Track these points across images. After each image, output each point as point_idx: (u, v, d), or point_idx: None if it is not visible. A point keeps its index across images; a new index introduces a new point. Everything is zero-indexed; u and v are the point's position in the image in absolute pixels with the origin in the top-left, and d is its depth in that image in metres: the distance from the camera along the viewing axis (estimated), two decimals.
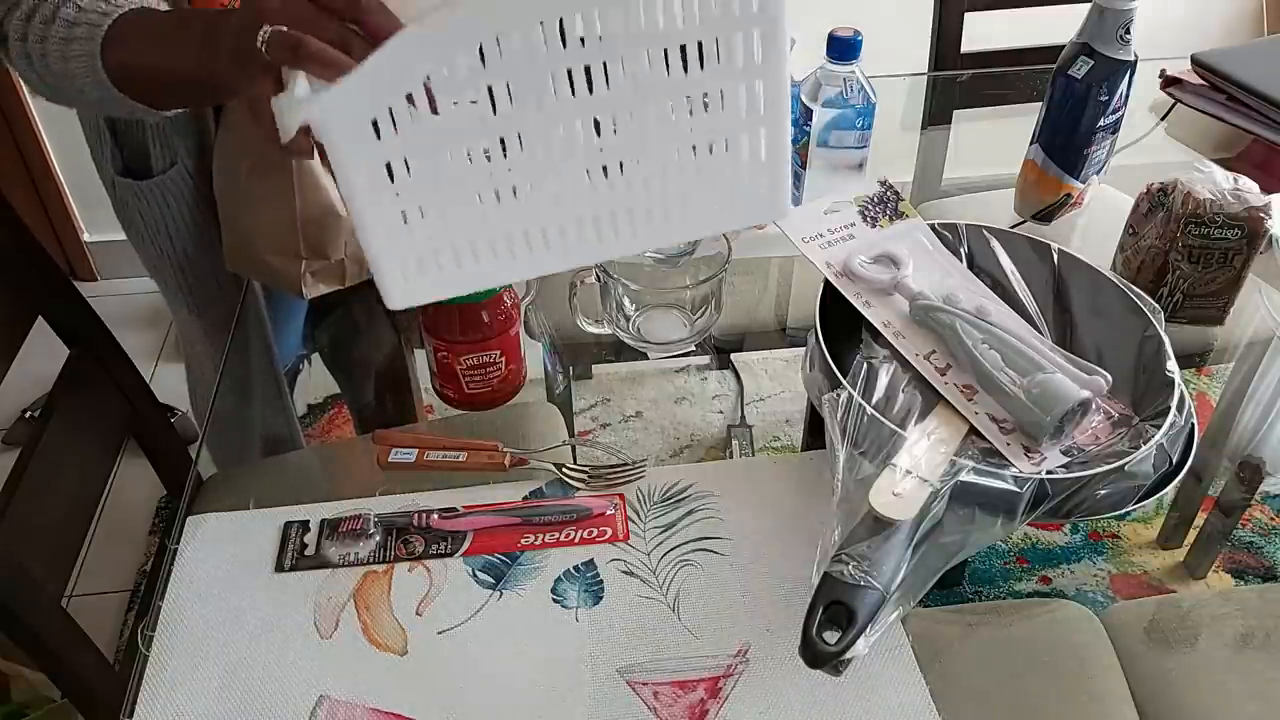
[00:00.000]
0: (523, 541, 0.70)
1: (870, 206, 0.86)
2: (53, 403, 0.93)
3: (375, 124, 0.49)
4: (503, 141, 0.52)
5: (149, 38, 0.67)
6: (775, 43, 0.52)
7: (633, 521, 0.72)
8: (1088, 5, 0.91)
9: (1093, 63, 0.91)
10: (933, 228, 0.84)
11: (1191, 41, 1.30)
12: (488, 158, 0.52)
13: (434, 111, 0.50)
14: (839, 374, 0.69)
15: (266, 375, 0.99)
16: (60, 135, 2.07)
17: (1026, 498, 0.62)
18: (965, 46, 1.41)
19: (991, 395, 0.72)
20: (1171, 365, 0.71)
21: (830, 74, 0.92)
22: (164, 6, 0.71)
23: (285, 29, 0.54)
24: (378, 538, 0.70)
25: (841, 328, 0.76)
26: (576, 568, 0.69)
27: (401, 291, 0.54)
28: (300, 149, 0.54)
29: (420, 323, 0.78)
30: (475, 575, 0.68)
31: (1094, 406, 0.72)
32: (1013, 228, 0.84)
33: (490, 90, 0.50)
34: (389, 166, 0.51)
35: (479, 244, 0.54)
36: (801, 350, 0.82)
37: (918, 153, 1.24)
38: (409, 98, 0.49)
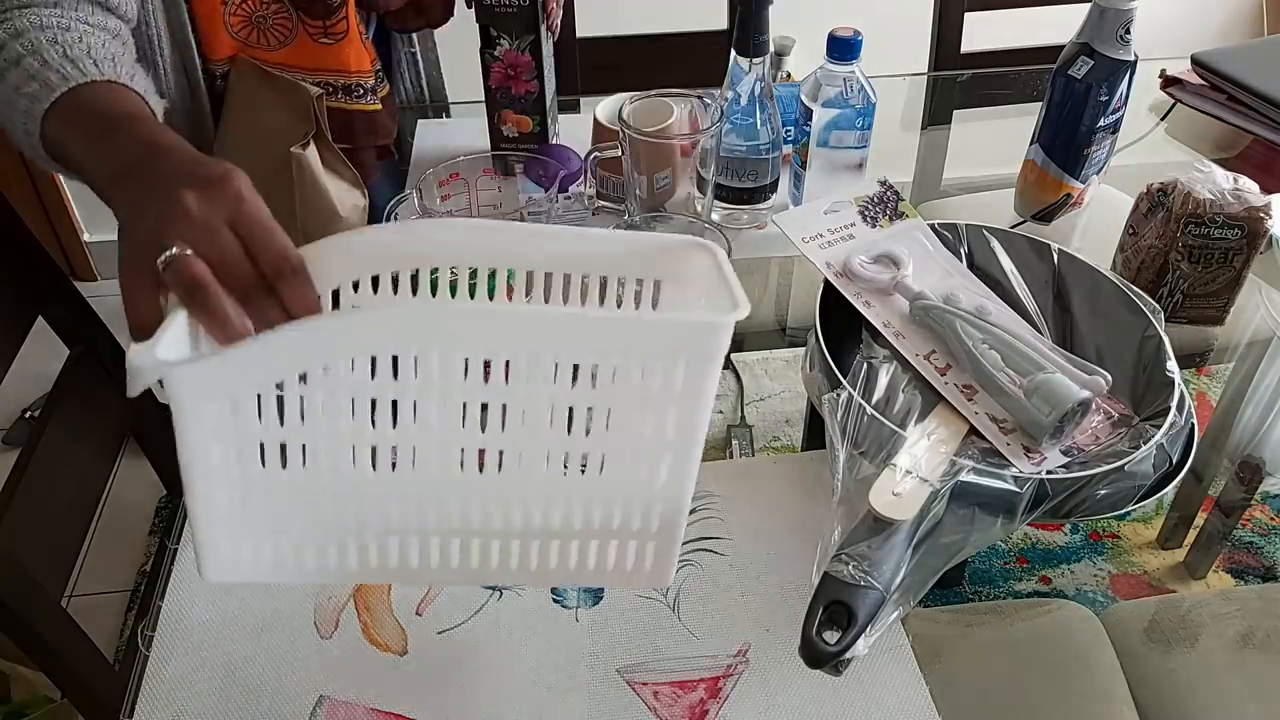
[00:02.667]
0: None
1: (870, 206, 0.86)
2: (53, 403, 0.93)
3: (233, 404, 0.45)
4: (373, 451, 0.48)
5: (86, 131, 0.62)
6: (690, 422, 0.48)
7: None
8: (1088, 5, 0.91)
9: (1093, 63, 0.91)
10: (933, 228, 0.84)
11: (1191, 41, 1.30)
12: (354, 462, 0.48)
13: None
14: (839, 374, 0.69)
15: None
16: None
17: (1026, 498, 0.62)
18: (965, 46, 1.41)
19: (991, 395, 0.72)
20: (1171, 365, 0.71)
21: (830, 74, 0.92)
22: (137, 81, 0.68)
23: (192, 258, 0.48)
24: None
25: (841, 328, 0.76)
26: None
27: (219, 568, 0.49)
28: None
29: None
30: None
31: (1094, 406, 0.72)
32: (1013, 228, 0.84)
33: (373, 400, 0.46)
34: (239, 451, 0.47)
35: (327, 545, 0.50)
36: (801, 350, 0.82)
37: (918, 153, 1.24)
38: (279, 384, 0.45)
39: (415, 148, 1.13)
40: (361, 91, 0.98)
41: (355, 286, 0.55)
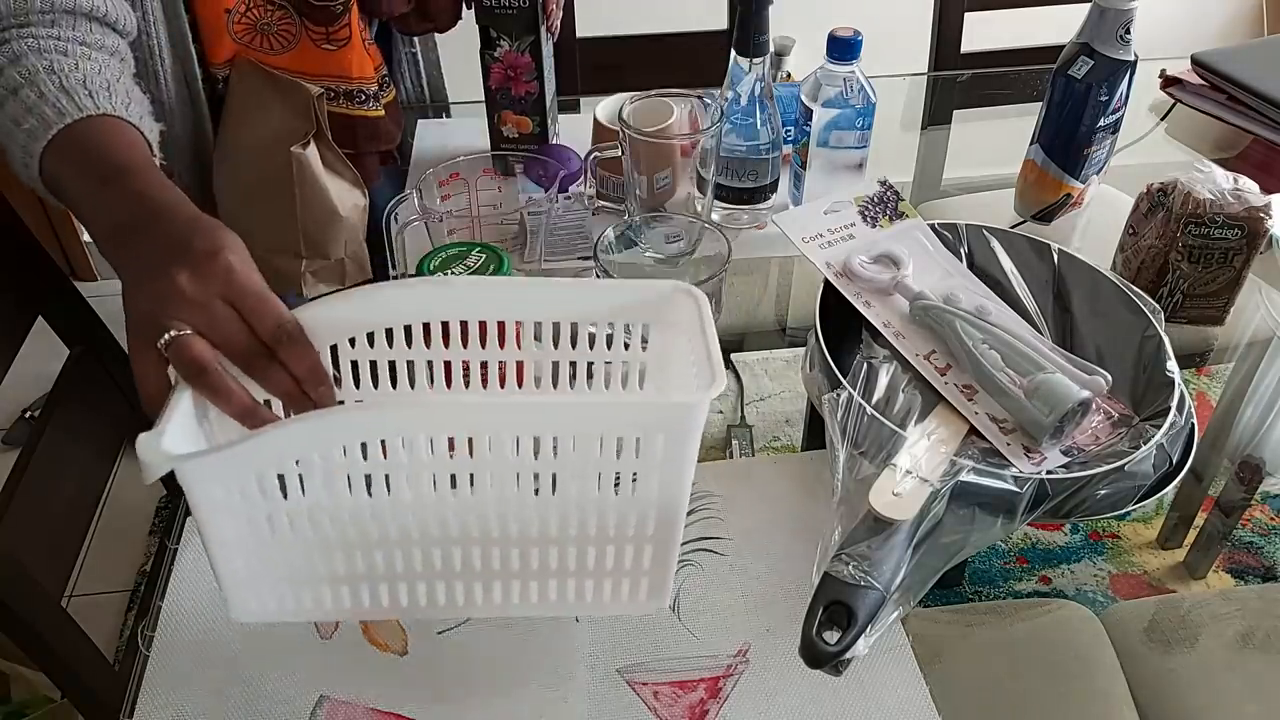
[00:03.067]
0: None
1: (870, 206, 0.86)
2: (53, 403, 0.93)
3: (239, 487, 0.48)
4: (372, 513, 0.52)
5: (81, 172, 0.63)
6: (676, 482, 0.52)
7: None
8: (1088, 5, 0.91)
9: (1093, 63, 0.91)
10: (933, 228, 0.84)
11: (1191, 41, 1.30)
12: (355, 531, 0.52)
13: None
14: (839, 374, 0.69)
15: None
16: None
17: (1026, 498, 0.62)
18: (965, 46, 1.41)
19: (991, 395, 0.72)
20: (1171, 365, 0.71)
21: (830, 74, 0.92)
22: (133, 108, 0.69)
23: (191, 337, 0.51)
24: None
25: (841, 328, 0.76)
26: None
27: (245, 611, 0.55)
28: None
29: None
30: None
31: (1094, 406, 0.72)
32: (1013, 228, 0.85)
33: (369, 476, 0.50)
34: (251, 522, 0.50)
35: (341, 590, 0.55)
36: (801, 350, 0.82)
37: (918, 153, 1.24)
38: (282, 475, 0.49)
39: (415, 148, 1.13)
40: (364, 98, 0.98)
41: (352, 342, 0.58)
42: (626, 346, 0.60)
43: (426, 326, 0.58)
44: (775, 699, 0.61)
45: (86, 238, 2.23)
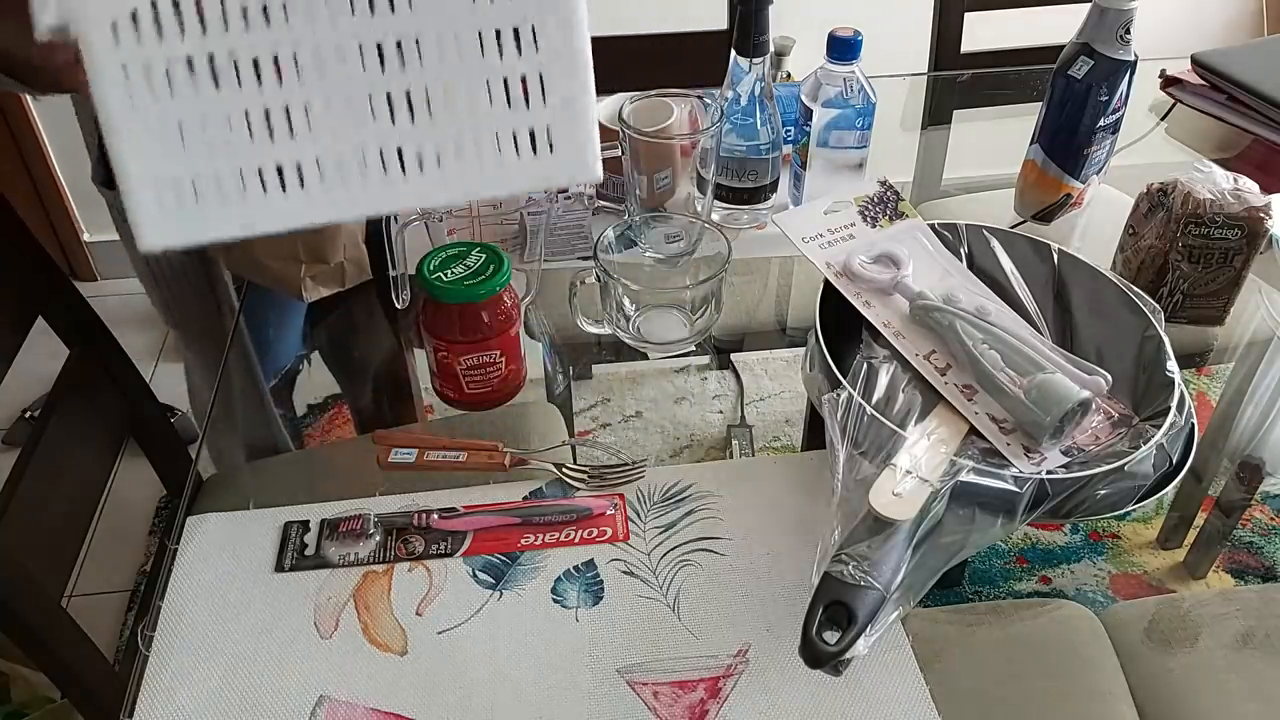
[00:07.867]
0: (523, 541, 0.70)
1: (870, 206, 0.86)
2: (53, 403, 0.93)
3: (134, 19, 0.43)
4: (276, 61, 0.46)
5: None
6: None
7: (633, 521, 0.72)
8: (1088, 5, 0.91)
9: (1093, 63, 0.91)
10: (933, 228, 0.84)
11: (1191, 41, 1.30)
12: (259, 78, 0.46)
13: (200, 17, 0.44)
14: (839, 374, 0.69)
15: (250, 391, 0.98)
16: (60, 137, 2.07)
17: (1026, 498, 0.62)
18: (965, 46, 1.41)
19: (991, 395, 0.72)
20: (1171, 365, 0.71)
21: (830, 74, 0.92)
22: None
23: None
24: (378, 538, 0.70)
25: (841, 328, 0.76)
26: (576, 568, 0.69)
27: (158, 228, 0.47)
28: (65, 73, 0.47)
29: (420, 323, 0.79)
30: (475, 575, 0.68)
31: (1094, 406, 0.72)
32: (1013, 228, 0.85)
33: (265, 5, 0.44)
34: (148, 73, 0.45)
35: (248, 173, 0.48)
36: (801, 350, 0.82)
37: (918, 153, 1.24)
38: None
39: None
40: None
41: None
42: None
43: None
44: (775, 699, 0.61)
45: (87, 237, 2.23)
